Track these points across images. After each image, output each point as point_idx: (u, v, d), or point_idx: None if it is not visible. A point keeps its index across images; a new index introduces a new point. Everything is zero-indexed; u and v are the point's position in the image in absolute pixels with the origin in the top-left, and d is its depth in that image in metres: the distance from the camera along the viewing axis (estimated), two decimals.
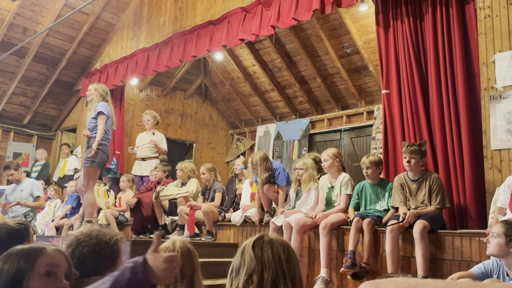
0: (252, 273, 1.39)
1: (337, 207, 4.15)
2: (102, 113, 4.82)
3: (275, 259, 1.42)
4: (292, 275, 1.41)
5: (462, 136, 3.84)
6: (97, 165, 4.79)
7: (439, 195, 3.53)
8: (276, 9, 5.12)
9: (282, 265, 1.41)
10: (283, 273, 1.40)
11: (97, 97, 4.96)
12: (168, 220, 5.66)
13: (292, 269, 1.43)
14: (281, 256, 1.43)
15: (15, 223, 2.39)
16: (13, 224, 2.36)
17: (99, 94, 4.96)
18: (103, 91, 5.01)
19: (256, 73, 8.75)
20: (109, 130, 4.96)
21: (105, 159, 4.87)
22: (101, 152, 4.79)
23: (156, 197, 5.48)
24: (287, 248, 1.46)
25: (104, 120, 4.82)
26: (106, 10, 7.83)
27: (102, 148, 4.81)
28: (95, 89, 5.01)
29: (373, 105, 7.69)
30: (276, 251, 1.44)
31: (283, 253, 1.44)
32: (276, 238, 1.50)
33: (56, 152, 9.45)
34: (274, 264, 1.40)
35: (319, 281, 3.73)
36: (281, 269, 1.40)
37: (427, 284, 0.63)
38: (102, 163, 4.87)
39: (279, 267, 1.40)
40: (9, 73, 8.25)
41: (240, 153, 9.81)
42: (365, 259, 3.60)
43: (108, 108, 4.91)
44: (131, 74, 7.16)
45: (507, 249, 2.51)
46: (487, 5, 3.91)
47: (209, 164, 5.67)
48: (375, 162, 3.96)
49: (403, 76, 4.29)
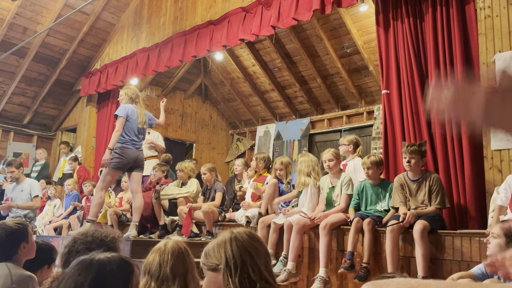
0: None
1: (337, 207, 4.14)
2: (118, 116, 4.83)
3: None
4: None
5: (462, 136, 3.84)
6: (113, 167, 4.77)
7: (439, 195, 3.53)
8: (276, 9, 5.12)
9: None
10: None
11: (127, 100, 4.99)
12: (168, 220, 5.66)
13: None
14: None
15: (14, 223, 2.40)
16: (11, 224, 2.37)
17: (129, 97, 5.00)
18: (132, 93, 5.04)
19: (256, 73, 8.75)
20: (131, 131, 4.87)
21: (124, 162, 4.80)
22: (117, 155, 4.78)
23: (156, 197, 5.47)
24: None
25: (121, 123, 4.80)
26: (106, 10, 7.83)
27: (120, 151, 4.79)
28: (125, 93, 5.05)
29: (373, 105, 7.69)
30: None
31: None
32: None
33: (56, 152, 9.45)
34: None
35: (317, 280, 3.73)
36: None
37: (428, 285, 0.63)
38: (120, 166, 4.82)
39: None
40: (9, 73, 8.25)
41: (240, 153, 9.81)
42: (365, 259, 3.59)
43: (126, 109, 4.87)
44: (131, 74, 7.16)
45: (507, 250, 2.50)
46: (487, 5, 3.90)
47: (210, 164, 5.67)
48: (376, 163, 3.95)
49: (403, 76, 4.29)
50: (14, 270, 2.20)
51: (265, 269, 1.52)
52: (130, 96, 5.01)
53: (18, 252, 2.31)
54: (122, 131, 4.82)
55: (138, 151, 4.94)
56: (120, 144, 4.81)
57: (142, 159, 5.02)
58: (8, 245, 2.30)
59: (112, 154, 4.83)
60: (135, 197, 4.97)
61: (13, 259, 2.28)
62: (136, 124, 4.92)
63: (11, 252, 2.30)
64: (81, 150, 8.43)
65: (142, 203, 5.03)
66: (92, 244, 1.96)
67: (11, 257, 2.28)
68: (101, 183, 4.89)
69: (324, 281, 3.73)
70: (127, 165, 4.87)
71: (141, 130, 5.00)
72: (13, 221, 2.45)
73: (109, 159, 4.80)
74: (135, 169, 4.95)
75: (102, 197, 4.89)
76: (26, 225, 2.44)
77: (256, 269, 1.50)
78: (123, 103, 5.00)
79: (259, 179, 5.33)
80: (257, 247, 1.56)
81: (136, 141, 4.93)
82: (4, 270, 2.18)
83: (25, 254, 2.35)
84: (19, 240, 2.34)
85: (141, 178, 5.12)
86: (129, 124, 4.87)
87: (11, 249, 2.30)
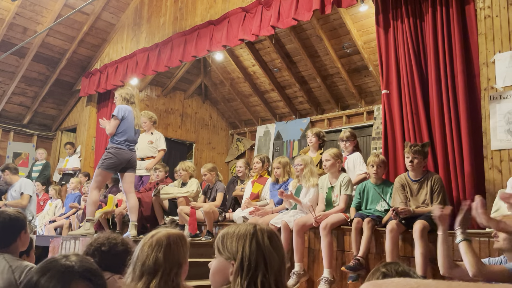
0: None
1: (337, 207, 4.14)
2: (113, 116, 4.81)
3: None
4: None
5: (462, 136, 3.84)
6: (105, 168, 4.75)
7: (440, 195, 3.54)
8: (276, 9, 5.12)
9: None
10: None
11: (121, 101, 4.96)
12: (168, 220, 5.66)
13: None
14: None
15: (15, 211, 2.44)
16: (13, 211, 2.42)
17: (123, 98, 4.96)
18: (126, 94, 5.00)
19: (256, 73, 8.75)
20: (126, 132, 4.82)
21: (116, 163, 4.77)
22: (110, 155, 4.75)
23: (155, 194, 5.46)
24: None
25: (114, 123, 4.77)
26: (106, 10, 7.83)
27: (113, 151, 4.76)
28: (119, 94, 5.02)
29: (373, 105, 7.69)
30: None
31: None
32: None
33: (56, 152, 9.45)
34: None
35: (322, 282, 3.73)
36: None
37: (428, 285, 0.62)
38: (112, 167, 4.78)
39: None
40: (9, 73, 8.25)
41: (240, 153, 9.81)
42: (361, 253, 3.59)
43: (122, 110, 4.84)
44: (131, 74, 7.15)
45: None
46: (487, 6, 3.90)
47: (210, 165, 5.67)
48: (385, 162, 3.99)
49: (403, 76, 4.29)
50: (13, 263, 2.19)
51: (274, 280, 1.44)
52: (124, 97, 4.97)
53: (17, 241, 2.30)
54: (117, 131, 4.78)
55: (131, 153, 4.89)
56: (114, 145, 4.77)
57: (135, 160, 4.98)
58: (10, 231, 2.30)
59: (105, 154, 4.81)
60: (129, 197, 4.94)
61: (11, 248, 2.27)
62: (132, 125, 4.89)
63: (10, 239, 2.28)
64: (81, 150, 8.43)
65: (137, 202, 5.00)
66: (120, 247, 2.01)
67: (9, 245, 2.27)
68: (94, 183, 4.86)
69: (329, 281, 3.73)
70: (119, 166, 4.84)
71: (136, 131, 4.98)
72: (14, 209, 2.48)
73: (102, 159, 4.79)
74: (127, 169, 4.90)
75: (96, 196, 4.86)
76: (25, 215, 2.47)
77: (266, 278, 1.42)
78: (118, 104, 4.98)
79: (259, 180, 5.34)
80: (274, 254, 1.47)
81: (130, 142, 4.89)
82: (2, 263, 2.16)
83: (22, 244, 2.35)
84: (20, 228, 2.34)
85: (133, 178, 5.09)
86: (125, 125, 4.83)
87: (12, 236, 2.29)
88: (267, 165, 5.44)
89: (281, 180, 4.82)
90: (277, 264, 1.46)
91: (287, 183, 4.75)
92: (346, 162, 4.75)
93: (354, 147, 4.89)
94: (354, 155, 4.79)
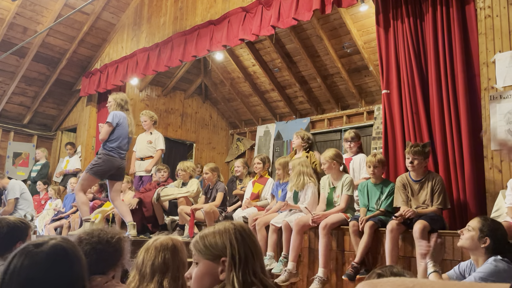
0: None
1: (337, 207, 4.14)
2: (107, 122, 4.76)
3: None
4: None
5: (462, 136, 3.84)
6: (93, 173, 4.71)
7: (441, 195, 3.53)
8: (276, 9, 5.12)
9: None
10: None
11: (115, 107, 4.89)
12: (168, 220, 5.66)
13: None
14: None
15: (17, 219, 2.43)
16: (14, 220, 2.40)
17: (117, 104, 4.90)
18: (121, 100, 4.93)
19: (256, 73, 8.75)
20: (119, 140, 4.78)
21: (105, 169, 4.72)
22: (100, 162, 4.71)
23: (157, 199, 5.48)
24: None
25: (107, 130, 4.72)
26: (106, 10, 7.83)
27: (104, 157, 4.71)
28: (114, 99, 4.95)
29: (373, 105, 7.69)
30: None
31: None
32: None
33: (56, 152, 9.45)
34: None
35: (316, 280, 3.74)
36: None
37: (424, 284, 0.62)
38: (100, 173, 4.74)
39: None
40: (9, 73, 8.25)
41: (240, 153, 9.81)
42: (357, 259, 3.58)
43: (117, 117, 4.79)
44: (131, 74, 7.15)
45: (478, 244, 2.52)
46: (488, 5, 3.90)
47: (212, 164, 5.67)
48: (382, 161, 3.98)
49: (403, 76, 4.29)
50: None
51: (260, 268, 1.48)
52: (118, 103, 4.91)
53: (12, 250, 2.30)
54: (110, 138, 4.73)
55: (121, 161, 4.84)
56: (106, 151, 4.73)
57: (124, 168, 4.94)
58: (8, 239, 2.30)
59: (95, 159, 4.78)
60: (116, 204, 4.90)
61: (4, 257, 2.27)
62: (126, 133, 4.85)
63: (6, 248, 2.28)
64: (81, 150, 8.43)
65: (126, 205, 5.00)
66: (98, 245, 1.96)
67: (3, 254, 2.26)
68: (79, 185, 4.82)
69: (323, 281, 3.73)
70: (108, 173, 4.80)
71: (129, 139, 4.93)
72: (17, 218, 2.48)
73: (91, 164, 4.76)
74: (116, 177, 4.86)
75: (83, 196, 4.82)
76: (28, 225, 2.45)
77: (256, 267, 1.45)
78: (112, 109, 4.91)
79: (259, 180, 5.34)
80: (256, 245, 1.52)
81: (122, 150, 4.83)
82: None
83: None
84: (18, 237, 2.34)
85: (120, 187, 5.08)
86: (119, 132, 4.78)
87: (8, 244, 2.29)
88: (268, 165, 5.45)
89: (283, 181, 4.82)
90: (260, 253, 1.51)
91: (288, 183, 4.76)
92: (351, 163, 4.74)
93: (358, 148, 4.88)
94: (359, 157, 4.77)
